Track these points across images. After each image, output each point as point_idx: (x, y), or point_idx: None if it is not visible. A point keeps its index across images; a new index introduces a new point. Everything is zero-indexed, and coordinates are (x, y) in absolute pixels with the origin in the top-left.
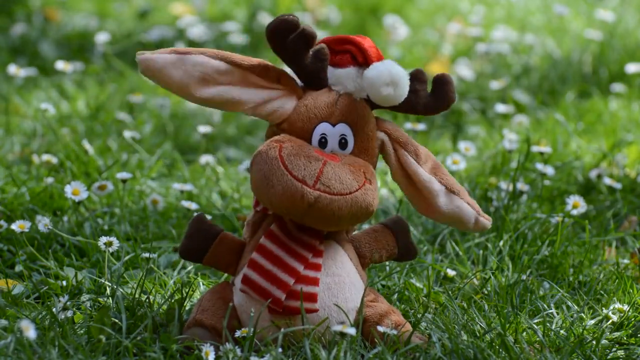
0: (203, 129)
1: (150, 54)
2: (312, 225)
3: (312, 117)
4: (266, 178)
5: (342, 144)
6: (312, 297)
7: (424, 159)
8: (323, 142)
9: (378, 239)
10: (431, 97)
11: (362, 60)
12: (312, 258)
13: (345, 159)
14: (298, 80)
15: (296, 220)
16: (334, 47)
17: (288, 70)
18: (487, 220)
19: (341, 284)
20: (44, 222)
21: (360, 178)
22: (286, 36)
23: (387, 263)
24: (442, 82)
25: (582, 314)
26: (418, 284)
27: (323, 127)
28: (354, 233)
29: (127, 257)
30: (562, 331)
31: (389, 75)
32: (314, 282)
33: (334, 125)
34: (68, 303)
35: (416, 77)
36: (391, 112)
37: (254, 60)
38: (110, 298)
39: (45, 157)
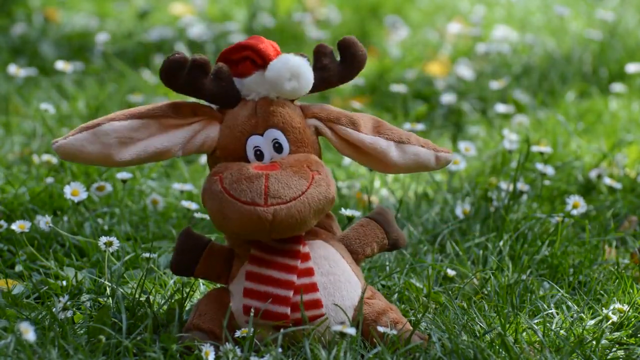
0: None
1: (63, 140)
2: (282, 237)
3: (238, 135)
4: (220, 213)
5: (277, 147)
6: (317, 304)
7: (363, 124)
8: (259, 154)
9: (366, 233)
10: (342, 65)
11: (262, 62)
12: (301, 264)
13: (285, 162)
14: (213, 105)
15: (265, 239)
16: (232, 57)
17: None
18: (447, 153)
19: (337, 282)
20: (44, 221)
21: (306, 174)
22: (179, 74)
23: (387, 263)
24: (347, 46)
25: (582, 314)
26: (418, 284)
27: (253, 140)
28: (342, 232)
29: (127, 257)
30: (562, 331)
31: (288, 70)
32: (312, 288)
33: (262, 134)
34: (68, 303)
35: (319, 53)
36: (390, 111)
37: (163, 105)
38: (110, 298)
39: (45, 157)
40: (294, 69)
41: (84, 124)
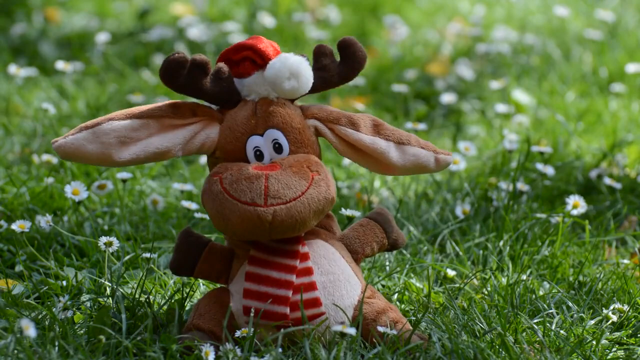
0: None
1: (63, 140)
2: (282, 237)
3: (238, 135)
4: (219, 213)
5: (277, 148)
6: (316, 302)
7: (363, 124)
8: (259, 155)
9: (366, 232)
10: (342, 65)
11: (262, 62)
12: (300, 264)
13: (285, 162)
14: (213, 106)
15: (264, 240)
16: (232, 57)
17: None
18: (447, 155)
19: (336, 281)
20: (45, 220)
21: (306, 175)
22: (179, 74)
23: (387, 263)
24: (346, 46)
25: (582, 314)
26: (418, 284)
27: (253, 141)
28: (342, 231)
29: (127, 257)
30: (562, 331)
31: (287, 69)
32: (311, 287)
33: (262, 135)
34: (68, 303)
35: (319, 53)
36: (390, 111)
37: (162, 105)
38: (110, 298)
39: (45, 157)
40: (293, 68)
41: (83, 123)
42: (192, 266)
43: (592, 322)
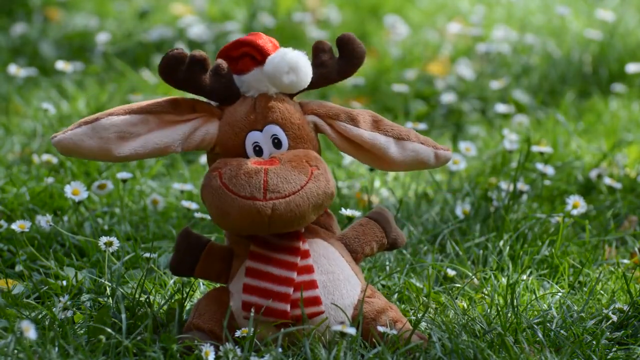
0: None
1: (62, 135)
2: (281, 232)
3: (237, 131)
4: (219, 209)
5: (277, 143)
6: (316, 301)
7: (362, 120)
8: (258, 150)
9: (366, 232)
10: (341, 61)
11: (261, 57)
12: (300, 261)
13: (284, 157)
14: (212, 102)
15: (264, 234)
16: (231, 54)
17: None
18: (446, 151)
19: (336, 280)
20: (45, 220)
21: (305, 169)
22: (178, 70)
23: (387, 263)
24: (345, 42)
25: (582, 314)
26: (418, 284)
27: (252, 136)
28: (342, 231)
29: (127, 257)
30: (562, 331)
31: (287, 63)
32: (312, 285)
33: (261, 130)
34: (68, 303)
35: (318, 50)
36: (390, 111)
37: (162, 101)
38: (110, 298)
39: (45, 157)
40: (292, 62)
41: (83, 118)
42: (192, 266)
43: (592, 322)
